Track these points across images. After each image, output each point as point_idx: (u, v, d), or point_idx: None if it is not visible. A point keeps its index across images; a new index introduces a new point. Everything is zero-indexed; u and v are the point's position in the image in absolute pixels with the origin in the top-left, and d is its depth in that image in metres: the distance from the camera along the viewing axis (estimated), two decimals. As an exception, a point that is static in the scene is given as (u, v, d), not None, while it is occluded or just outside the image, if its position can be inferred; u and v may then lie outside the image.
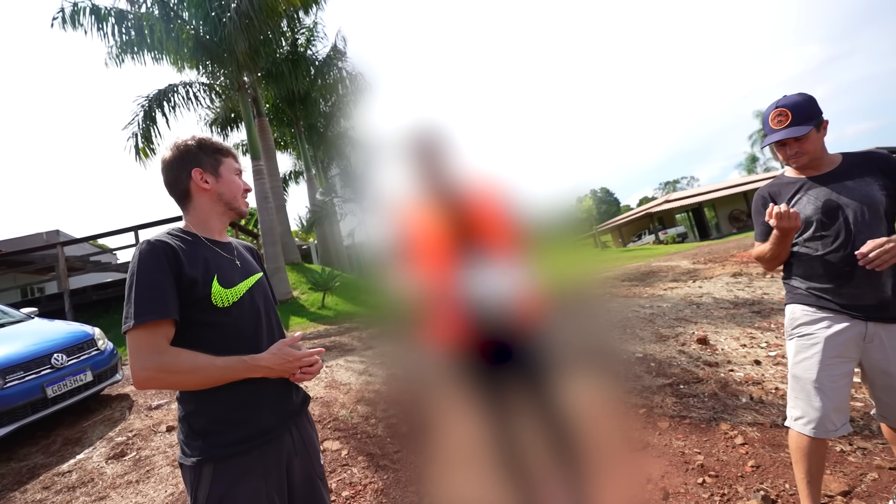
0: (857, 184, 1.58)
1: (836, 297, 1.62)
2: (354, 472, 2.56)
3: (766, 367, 3.41)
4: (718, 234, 25.06)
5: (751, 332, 4.20)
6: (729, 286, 6.11)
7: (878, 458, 2.16)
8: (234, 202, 1.26)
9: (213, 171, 1.22)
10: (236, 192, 1.27)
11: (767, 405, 2.82)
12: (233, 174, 1.26)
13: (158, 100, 10.43)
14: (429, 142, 1.62)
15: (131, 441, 3.23)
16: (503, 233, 1.63)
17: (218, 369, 1.05)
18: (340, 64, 13.31)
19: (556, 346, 1.80)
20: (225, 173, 1.24)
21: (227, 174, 1.25)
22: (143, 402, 3.97)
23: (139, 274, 1.04)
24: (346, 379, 4.05)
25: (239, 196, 1.28)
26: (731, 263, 7.78)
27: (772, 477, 2.10)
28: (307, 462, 1.23)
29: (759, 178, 27.62)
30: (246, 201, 1.32)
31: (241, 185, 1.28)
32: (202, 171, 1.20)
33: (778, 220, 1.57)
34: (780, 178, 1.78)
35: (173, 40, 9.41)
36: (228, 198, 1.25)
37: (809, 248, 1.67)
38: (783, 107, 1.62)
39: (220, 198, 1.23)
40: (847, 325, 1.60)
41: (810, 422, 1.64)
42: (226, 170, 1.25)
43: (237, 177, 1.28)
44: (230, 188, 1.25)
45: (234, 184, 1.26)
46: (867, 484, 1.99)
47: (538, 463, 1.81)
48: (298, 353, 1.17)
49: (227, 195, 1.24)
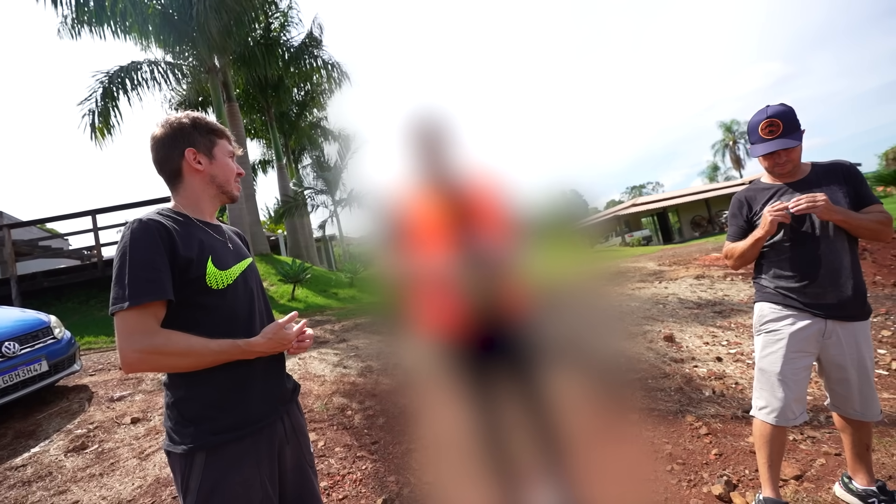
0: (824, 190, 1.70)
1: (800, 295, 1.75)
2: (332, 462, 2.54)
3: (726, 363, 3.62)
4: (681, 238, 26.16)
5: (713, 330, 4.43)
6: (692, 287, 6.40)
7: (825, 446, 2.34)
8: (226, 185, 1.23)
9: (207, 152, 1.19)
10: (229, 175, 1.24)
11: (728, 398, 2.99)
12: (227, 157, 1.23)
13: (120, 77, 9.88)
14: (429, 129, 1.62)
15: (92, 433, 3.08)
16: (496, 222, 1.66)
17: (212, 353, 1.03)
18: (316, 52, 12.97)
19: (536, 338, 1.85)
20: (219, 155, 1.21)
21: (222, 156, 1.22)
22: (103, 393, 3.78)
23: (132, 252, 1.00)
24: (320, 371, 4.00)
25: (232, 180, 1.25)
26: (694, 266, 8.15)
27: (733, 464, 2.24)
28: (298, 450, 1.22)
29: (720, 186, 28.97)
30: (238, 186, 1.29)
31: (235, 169, 1.25)
32: (196, 152, 1.17)
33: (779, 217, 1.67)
34: (756, 183, 1.89)
35: (138, 14, 8.93)
36: (221, 181, 1.22)
37: (779, 250, 1.79)
38: (774, 116, 1.71)
39: (212, 180, 1.20)
40: (809, 322, 1.73)
41: (773, 411, 1.77)
42: (220, 151, 1.22)
43: (231, 160, 1.25)
44: (224, 171, 1.22)
45: (227, 167, 1.23)
46: (816, 468, 2.15)
47: (516, 452, 1.86)
48: (291, 333, 1.16)
49: (220, 178, 1.21)
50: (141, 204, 8.31)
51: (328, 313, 7.69)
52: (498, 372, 1.79)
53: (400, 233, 1.69)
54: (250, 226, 10.97)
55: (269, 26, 13.04)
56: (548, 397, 1.85)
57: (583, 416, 2.81)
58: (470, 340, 1.71)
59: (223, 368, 1.07)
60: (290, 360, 4.29)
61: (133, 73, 10.00)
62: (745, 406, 2.81)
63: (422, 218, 1.66)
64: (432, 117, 1.64)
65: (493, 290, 1.64)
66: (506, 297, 1.68)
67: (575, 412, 2.87)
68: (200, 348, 1.02)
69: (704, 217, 26.77)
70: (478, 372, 1.78)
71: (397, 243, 1.70)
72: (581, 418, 2.79)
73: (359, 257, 14.30)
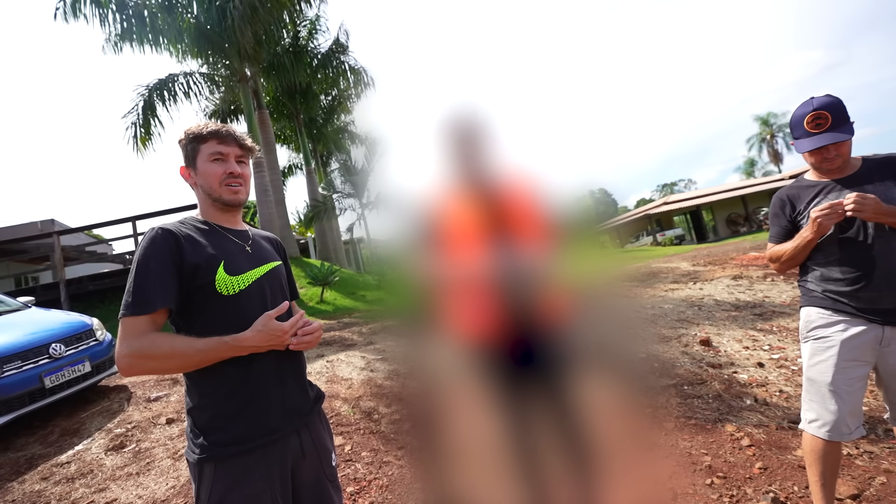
0: (877, 188, 1.57)
1: (852, 300, 1.61)
2: (358, 467, 2.54)
3: (769, 369, 3.42)
4: (716, 237, 25.15)
5: (753, 334, 4.21)
6: (730, 288, 6.12)
7: (885, 462, 2.16)
8: (212, 193, 1.16)
9: (192, 164, 1.18)
10: (211, 181, 1.15)
11: (772, 407, 2.82)
12: (208, 162, 1.15)
13: (158, 89, 10.35)
14: (466, 128, 1.57)
15: (130, 433, 3.19)
16: (531, 224, 1.60)
17: (198, 352, 1.01)
18: (342, 57, 13.20)
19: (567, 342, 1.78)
20: (200, 163, 1.16)
21: (202, 164, 1.15)
22: (141, 393, 3.93)
23: (138, 261, 1.04)
24: (347, 374, 4.03)
25: (215, 184, 1.15)
26: (730, 266, 7.80)
27: (780, 479, 2.10)
28: (316, 463, 1.18)
29: (757, 182, 27.74)
30: (230, 188, 1.17)
31: (218, 172, 1.15)
32: (185, 167, 1.19)
33: (826, 218, 1.53)
34: (800, 181, 1.76)
35: (174, 28, 9.32)
36: (206, 189, 1.17)
37: (827, 251, 1.66)
38: (821, 108, 1.58)
39: (202, 190, 1.18)
40: (864, 328, 1.59)
41: (825, 424, 1.64)
42: (201, 159, 1.16)
43: (214, 162, 1.15)
44: (206, 178, 1.16)
45: (207, 173, 1.15)
46: (876, 488, 1.99)
47: (547, 461, 1.79)
48: (285, 324, 1.07)
49: (205, 186, 1.17)
50: (175, 210, 8.65)
51: (356, 315, 7.77)
52: (528, 377, 1.73)
53: (434, 234, 1.66)
54: (280, 229, 11.23)
55: (298, 34, 13.36)
56: (579, 403, 1.77)
57: (615, 424, 2.71)
58: (500, 343, 1.66)
59: (234, 376, 1.06)
60: (315, 363, 4.34)
61: (170, 85, 10.46)
62: (792, 416, 2.64)
63: (456, 218, 1.62)
64: (468, 116, 1.59)
65: (525, 292, 1.58)
66: (537, 300, 1.62)
67: (607, 419, 2.77)
68: (185, 348, 1.01)
69: (741, 215, 25.64)
70: (507, 376, 1.73)
71: (432, 244, 1.67)
72: (613, 426, 2.69)
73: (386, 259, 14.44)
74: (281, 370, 1.14)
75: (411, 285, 1.75)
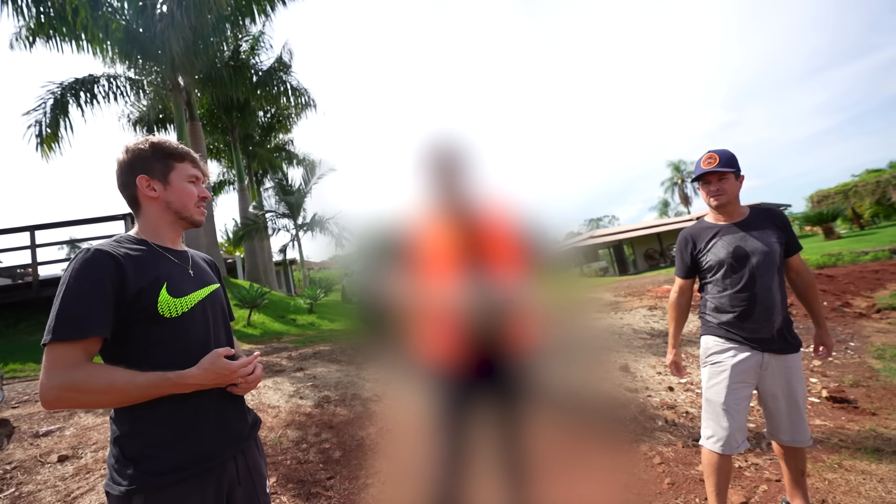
0: (761, 234, 1.87)
1: (739, 330, 1.89)
2: (285, 500, 2.41)
3: (678, 392, 3.76)
4: (635, 269, 27.31)
5: (664, 360, 4.61)
6: (646, 318, 6.68)
7: (767, 472, 2.46)
8: (183, 211, 1.18)
9: (163, 178, 1.15)
10: (187, 200, 1.18)
11: (679, 427, 3.11)
12: (185, 181, 1.18)
13: (74, 89, 9.46)
14: (446, 156, 1.63)
15: (10, 475, 2.77)
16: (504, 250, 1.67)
17: (138, 388, 0.96)
18: (284, 76, 12.98)
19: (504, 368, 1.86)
20: (175, 180, 1.16)
21: (178, 181, 1.17)
22: (27, 427, 3.44)
23: (69, 284, 0.96)
24: (274, 401, 3.82)
25: (190, 205, 1.19)
26: (647, 297, 8.52)
27: (685, 493, 2.31)
28: (251, 491, 1.15)
29: (671, 221, 30.72)
30: (202, 210, 1.23)
31: (195, 193, 1.20)
32: (148, 178, 1.13)
33: None
34: (701, 222, 2.05)
35: (100, 27, 8.68)
36: (177, 206, 1.17)
37: (721, 287, 1.93)
38: (714, 153, 1.92)
39: (168, 206, 1.16)
40: (748, 354, 1.86)
41: (719, 440, 1.86)
42: (177, 176, 1.17)
43: (191, 184, 1.19)
44: (180, 197, 1.17)
45: (184, 192, 1.17)
46: (759, 495, 2.26)
47: (480, 482, 1.84)
48: (234, 364, 1.07)
49: (175, 203, 1.16)
50: (86, 221, 7.83)
51: (285, 340, 7.41)
52: (466, 401, 1.78)
53: (392, 257, 1.69)
54: (207, 248, 10.51)
55: (239, 48, 12.99)
56: (514, 426, 1.86)
57: (540, 446, 2.83)
58: (443, 367, 1.70)
59: (171, 401, 1.01)
60: (242, 390, 4.08)
61: (90, 86, 9.62)
62: (695, 434, 2.93)
63: (411, 242, 1.66)
64: (443, 143, 1.65)
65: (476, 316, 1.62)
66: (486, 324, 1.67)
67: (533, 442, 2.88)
68: (124, 384, 0.95)
69: (657, 250, 28.17)
70: (444, 402, 1.77)
71: (390, 267, 1.69)
72: (539, 448, 2.80)
73: (319, 282, 13.97)
74: (221, 394, 1.11)
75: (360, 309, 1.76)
